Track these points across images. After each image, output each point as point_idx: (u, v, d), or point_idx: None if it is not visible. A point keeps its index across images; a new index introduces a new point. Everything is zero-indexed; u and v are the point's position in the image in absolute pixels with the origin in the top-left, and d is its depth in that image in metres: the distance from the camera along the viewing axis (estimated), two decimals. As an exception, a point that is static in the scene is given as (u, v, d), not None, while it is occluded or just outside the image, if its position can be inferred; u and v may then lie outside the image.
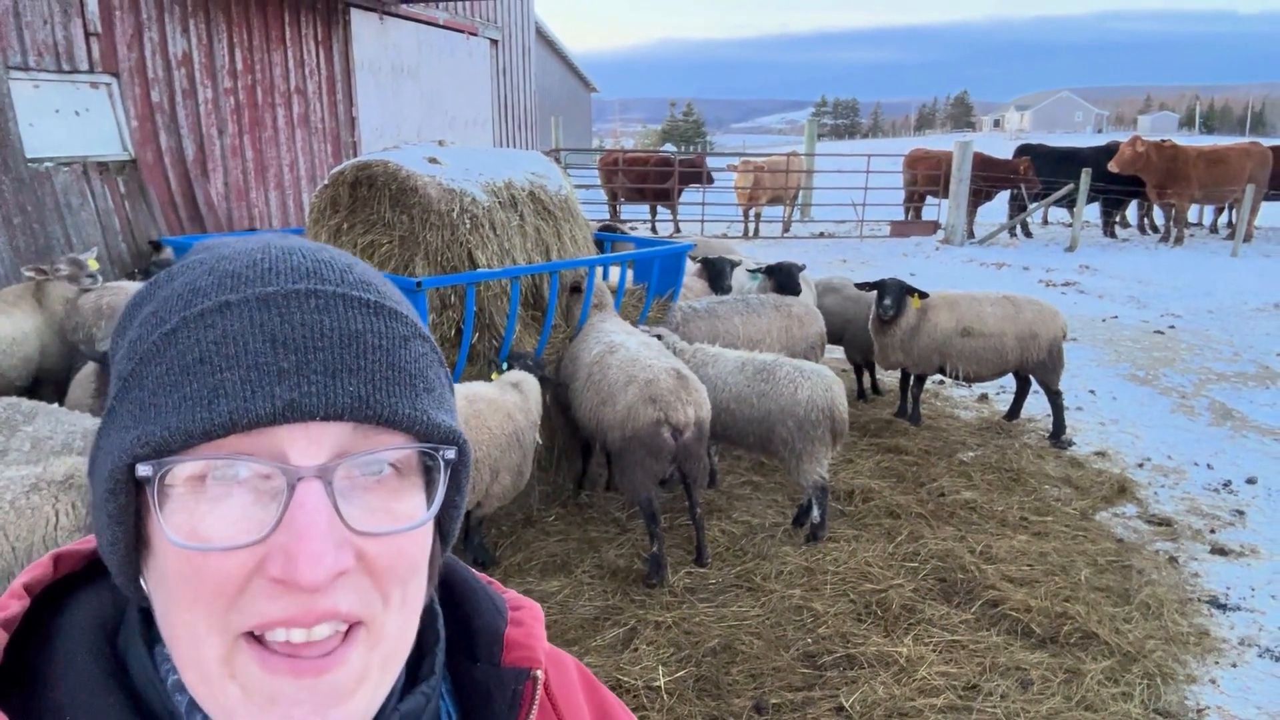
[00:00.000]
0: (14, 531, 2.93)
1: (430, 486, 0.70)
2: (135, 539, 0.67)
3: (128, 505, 0.65)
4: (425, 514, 0.69)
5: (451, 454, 0.69)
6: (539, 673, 0.83)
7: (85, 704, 0.67)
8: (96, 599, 0.75)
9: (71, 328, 6.10)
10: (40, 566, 0.76)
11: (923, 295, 7.03)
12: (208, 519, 0.62)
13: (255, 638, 0.63)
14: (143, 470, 0.62)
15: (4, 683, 0.67)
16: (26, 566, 2.78)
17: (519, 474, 4.76)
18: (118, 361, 0.68)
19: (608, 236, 7.67)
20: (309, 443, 0.63)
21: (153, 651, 0.70)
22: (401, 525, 0.66)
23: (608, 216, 18.89)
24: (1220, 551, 5.27)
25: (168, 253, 8.34)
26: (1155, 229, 19.15)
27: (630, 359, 5.01)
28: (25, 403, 3.99)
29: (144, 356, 0.64)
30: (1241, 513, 5.81)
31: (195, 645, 0.63)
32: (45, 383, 6.07)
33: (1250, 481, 6.30)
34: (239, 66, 10.60)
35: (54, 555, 0.77)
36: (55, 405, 4.11)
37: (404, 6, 13.69)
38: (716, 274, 7.60)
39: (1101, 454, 6.81)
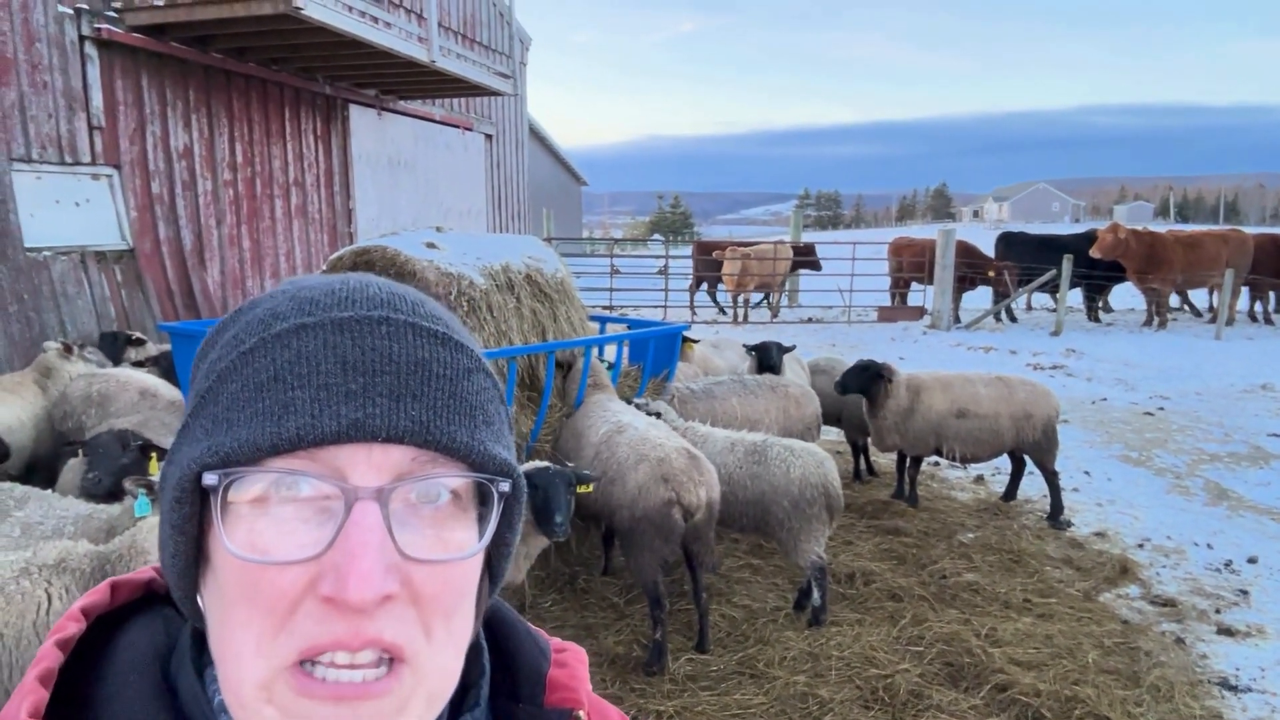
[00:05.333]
0: (3, 617, 2.85)
1: (483, 519, 0.71)
2: (196, 552, 0.68)
3: (191, 516, 0.67)
4: (477, 545, 0.70)
5: (506, 486, 0.71)
6: (581, 714, 0.82)
7: None
8: (150, 626, 0.76)
9: (60, 416, 6.01)
10: (98, 592, 0.77)
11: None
12: (267, 533, 0.63)
13: (300, 668, 0.63)
14: (209, 479, 0.64)
15: (57, 704, 0.68)
16: (14, 651, 2.67)
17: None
18: (196, 381, 0.71)
19: (603, 319, 7.74)
20: (369, 465, 0.64)
21: (202, 675, 0.71)
22: (452, 554, 0.67)
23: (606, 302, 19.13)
24: (1227, 632, 5.20)
25: (148, 347, 8.12)
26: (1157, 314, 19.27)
27: (640, 438, 4.97)
28: (18, 488, 3.94)
29: (221, 375, 0.67)
30: (1245, 592, 5.76)
31: (239, 666, 0.64)
32: (37, 469, 5.97)
33: (1251, 561, 6.26)
34: (239, 159, 10.83)
35: (111, 583, 0.79)
36: (48, 491, 4.06)
37: (402, 103, 14.09)
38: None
39: (1101, 534, 6.77)
